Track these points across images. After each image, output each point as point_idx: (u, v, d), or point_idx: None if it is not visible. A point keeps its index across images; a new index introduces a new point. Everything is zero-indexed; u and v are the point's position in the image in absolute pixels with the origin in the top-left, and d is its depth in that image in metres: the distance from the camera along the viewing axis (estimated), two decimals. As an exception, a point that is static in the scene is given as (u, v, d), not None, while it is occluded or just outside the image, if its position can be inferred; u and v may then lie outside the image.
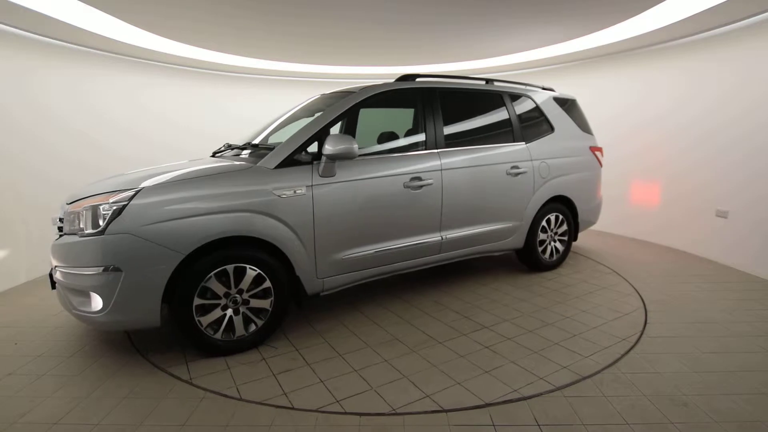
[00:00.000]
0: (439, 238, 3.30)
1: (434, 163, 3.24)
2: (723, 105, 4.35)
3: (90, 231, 2.34)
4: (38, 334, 2.94)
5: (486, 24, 4.33)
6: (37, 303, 3.51)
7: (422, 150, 3.28)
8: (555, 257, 4.14)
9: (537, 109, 4.01)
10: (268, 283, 2.62)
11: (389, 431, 1.91)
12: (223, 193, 2.49)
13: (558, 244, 4.16)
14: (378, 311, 3.26)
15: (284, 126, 3.46)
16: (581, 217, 4.25)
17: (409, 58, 5.96)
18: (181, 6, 3.72)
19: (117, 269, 2.27)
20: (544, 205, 3.89)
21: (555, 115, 4.09)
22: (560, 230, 4.12)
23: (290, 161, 2.72)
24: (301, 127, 2.93)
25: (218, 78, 6.66)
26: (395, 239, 3.11)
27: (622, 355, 2.52)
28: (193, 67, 6.23)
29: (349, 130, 4.17)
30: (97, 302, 2.35)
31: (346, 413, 2.03)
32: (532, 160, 3.78)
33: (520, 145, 3.78)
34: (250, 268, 2.55)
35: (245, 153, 3.06)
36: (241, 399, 2.16)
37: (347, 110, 3.01)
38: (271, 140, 3.35)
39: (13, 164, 4.02)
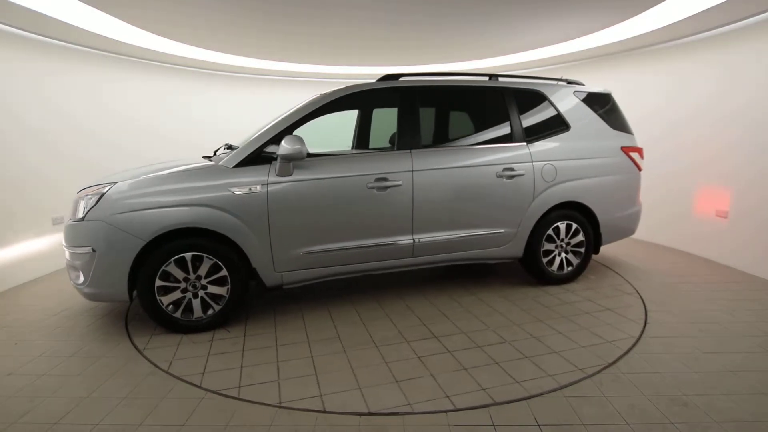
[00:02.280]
0: (411, 240, 3.21)
1: (405, 164, 3.16)
2: (722, 105, 4.34)
3: (77, 217, 2.77)
4: (38, 334, 2.94)
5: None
6: (37, 303, 3.51)
7: (394, 150, 3.24)
8: (566, 270, 3.70)
9: (549, 105, 3.63)
10: (224, 272, 2.86)
11: (389, 431, 1.91)
12: (183, 189, 2.78)
13: (571, 256, 3.71)
14: (343, 309, 3.31)
15: None
16: (605, 226, 3.72)
17: (418, 57, 5.85)
18: (181, 5, 3.72)
19: (92, 250, 2.69)
20: (549, 211, 3.53)
21: (574, 111, 3.67)
22: (574, 241, 3.67)
23: (250, 160, 2.91)
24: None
25: (218, 78, 6.67)
26: (360, 239, 3.11)
27: (622, 355, 2.53)
28: (192, 66, 6.24)
29: (363, 129, 4.16)
30: (80, 276, 2.78)
31: (345, 413, 2.03)
32: (532, 162, 3.44)
33: (518, 145, 3.48)
34: (207, 257, 2.82)
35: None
36: (166, 372, 2.43)
37: (312, 112, 3.07)
38: None
39: (12, 164, 4.02)
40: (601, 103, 3.84)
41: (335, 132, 4.33)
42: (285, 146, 2.81)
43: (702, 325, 2.92)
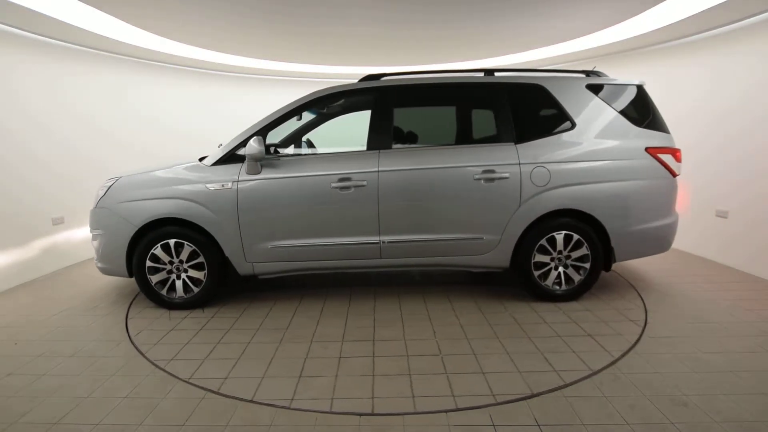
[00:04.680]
0: (378, 242, 3.18)
1: (371, 164, 3.14)
2: (720, 103, 4.34)
3: (94, 204, 3.32)
4: (38, 334, 2.94)
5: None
6: (37, 303, 3.51)
7: (363, 150, 3.22)
8: (565, 287, 3.29)
9: (550, 100, 3.25)
10: (201, 259, 3.21)
11: (389, 431, 1.91)
12: (169, 184, 3.20)
13: (572, 271, 3.29)
14: (313, 302, 3.44)
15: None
16: (618, 240, 3.20)
17: (422, 56, 5.80)
18: (181, 5, 3.72)
19: (101, 232, 3.25)
20: (541, 219, 3.18)
21: (582, 107, 3.23)
22: (576, 254, 3.24)
23: (225, 159, 3.21)
24: (292, 126, 3.43)
25: (218, 78, 6.67)
26: (325, 237, 3.19)
27: (622, 355, 2.52)
28: (193, 67, 6.24)
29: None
30: (95, 254, 3.35)
31: (345, 413, 2.03)
32: (519, 164, 3.13)
33: (504, 146, 3.19)
34: (187, 244, 3.19)
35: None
36: (130, 340, 2.81)
37: (284, 115, 3.25)
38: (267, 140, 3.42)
39: (11, 166, 4.02)
40: (626, 98, 3.34)
41: (353, 131, 4.34)
42: (249, 146, 3.05)
43: (702, 325, 2.92)
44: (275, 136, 3.66)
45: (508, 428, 1.91)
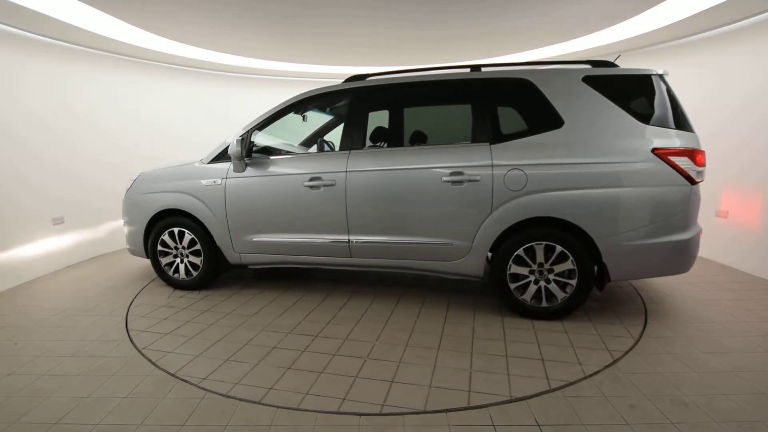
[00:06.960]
0: (347, 241, 3.21)
1: (340, 165, 3.16)
2: (721, 104, 4.34)
3: (124, 195, 3.86)
4: (38, 334, 2.94)
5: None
6: (37, 303, 3.52)
7: (336, 151, 3.30)
8: (546, 304, 2.94)
9: (537, 96, 2.91)
10: (198, 246, 3.59)
11: (388, 431, 1.91)
12: (175, 179, 3.62)
13: (555, 287, 2.92)
14: (291, 295, 3.62)
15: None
16: (612, 256, 2.78)
17: (422, 56, 5.79)
18: (180, 6, 3.72)
19: (126, 219, 3.81)
20: (517, 227, 2.88)
21: (575, 102, 2.84)
22: (559, 268, 2.88)
23: (218, 158, 3.52)
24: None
25: (218, 78, 6.66)
26: (299, 233, 3.33)
27: (622, 355, 2.52)
28: (192, 67, 6.23)
29: (392, 128, 4.13)
30: (125, 237, 3.89)
31: (345, 413, 2.03)
32: (492, 166, 2.86)
33: (476, 146, 2.94)
34: (187, 232, 3.59)
35: None
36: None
37: (269, 117, 3.41)
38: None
39: (12, 164, 4.03)
40: (635, 91, 2.90)
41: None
42: (231, 146, 3.28)
43: (702, 324, 2.92)
44: (294, 139, 3.97)
45: (508, 428, 1.91)
